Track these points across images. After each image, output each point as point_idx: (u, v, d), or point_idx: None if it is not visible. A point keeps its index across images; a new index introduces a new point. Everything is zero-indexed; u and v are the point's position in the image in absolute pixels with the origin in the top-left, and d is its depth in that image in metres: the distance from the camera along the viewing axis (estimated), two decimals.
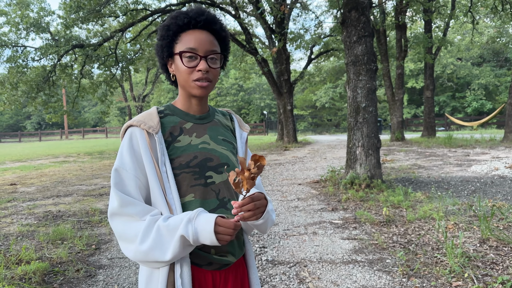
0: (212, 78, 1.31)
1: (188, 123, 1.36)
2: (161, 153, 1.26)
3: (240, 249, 1.38)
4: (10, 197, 7.61)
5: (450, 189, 6.89)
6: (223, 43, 1.37)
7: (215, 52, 1.30)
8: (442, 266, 3.49)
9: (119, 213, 1.22)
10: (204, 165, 1.30)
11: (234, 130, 1.49)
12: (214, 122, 1.42)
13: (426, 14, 17.00)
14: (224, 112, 1.53)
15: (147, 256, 1.18)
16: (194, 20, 1.29)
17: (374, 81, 7.18)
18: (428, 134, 19.40)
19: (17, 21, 16.16)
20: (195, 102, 1.37)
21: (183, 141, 1.31)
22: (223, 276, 1.31)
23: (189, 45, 1.27)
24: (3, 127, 56.94)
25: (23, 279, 3.45)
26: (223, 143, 1.38)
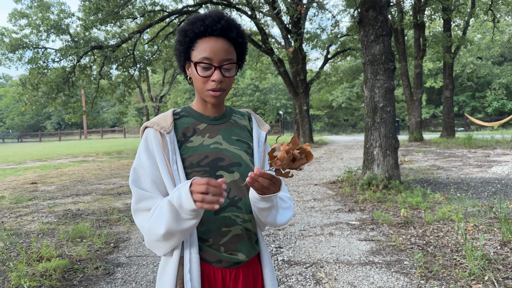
0: (225, 87, 1.34)
1: (202, 124, 1.39)
2: (172, 152, 1.30)
3: (253, 248, 1.38)
4: (31, 196, 7.77)
5: (470, 190, 6.77)
6: (240, 48, 1.38)
7: (230, 62, 1.32)
8: (461, 268, 3.44)
9: (137, 208, 1.28)
10: (215, 165, 1.32)
11: (252, 130, 1.50)
12: (229, 123, 1.44)
13: (445, 12, 16.75)
14: (243, 112, 1.54)
15: (151, 232, 1.22)
16: (210, 28, 1.30)
17: (392, 81, 7.10)
18: (447, 135, 19.10)
19: (38, 23, 16.50)
20: (210, 105, 1.40)
21: (195, 141, 1.35)
22: (233, 275, 1.33)
23: (204, 54, 1.29)
24: (24, 127, 58.18)
25: (44, 276, 3.52)
26: (236, 143, 1.40)
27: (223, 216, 1.31)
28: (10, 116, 57.49)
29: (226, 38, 1.32)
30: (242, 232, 1.34)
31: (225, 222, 1.31)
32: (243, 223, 1.34)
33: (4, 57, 16.45)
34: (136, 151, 12.42)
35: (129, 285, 3.39)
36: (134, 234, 4.92)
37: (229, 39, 1.33)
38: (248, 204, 1.36)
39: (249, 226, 1.37)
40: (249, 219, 1.36)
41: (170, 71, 33.90)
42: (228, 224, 1.31)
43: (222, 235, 1.31)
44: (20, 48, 16.18)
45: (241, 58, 1.40)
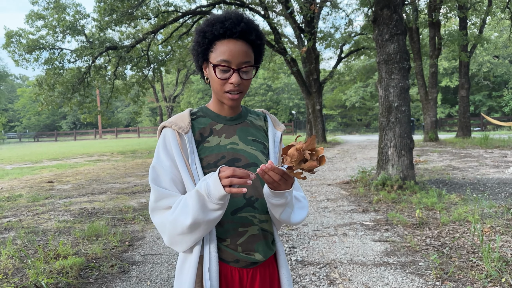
0: (243, 89, 1.34)
1: (219, 124, 1.40)
2: (191, 152, 1.32)
3: (269, 248, 1.39)
4: (47, 194, 7.90)
5: (486, 191, 6.67)
6: (258, 50, 1.38)
7: (248, 64, 1.32)
8: (478, 270, 3.39)
9: (156, 207, 1.30)
10: (231, 165, 1.33)
11: (267, 130, 1.50)
12: (245, 123, 1.45)
13: (461, 11, 16.52)
14: (258, 112, 1.54)
15: (176, 225, 1.23)
16: (229, 31, 1.29)
17: (407, 80, 7.03)
18: (463, 135, 18.83)
19: (54, 24, 16.73)
20: (227, 106, 1.41)
21: (212, 141, 1.37)
22: (250, 274, 1.34)
23: (223, 56, 1.29)
24: (40, 127, 59.10)
25: (60, 273, 3.57)
26: (252, 143, 1.41)
27: (240, 217, 1.32)
28: (26, 116, 58.48)
29: (245, 41, 1.32)
30: (259, 232, 1.35)
31: (242, 223, 1.33)
32: (259, 223, 1.35)
33: (21, 58, 16.72)
34: (150, 150, 12.53)
35: (144, 283, 3.43)
36: (149, 233, 4.97)
37: (248, 41, 1.33)
38: (264, 204, 1.37)
39: (266, 226, 1.38)
40: (266, 219, 1.38)
41: (183, 71, 34.09)
42: (245, 224, 1.33)
43: (239, 235, 1.33)
44: (37, 49, 16.43)
45: (258, 60, 1.40)
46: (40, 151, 23.78)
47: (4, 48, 16.79)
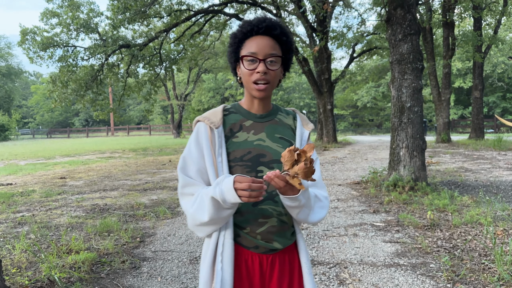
0: (270, 79, 1.42)
1: (248, 121, 1.50)
2: (219, 145, 1.42)
3: (288, 239, 1.47)
4: (60, 190, 8.00)
5: (500, 193, 6.59)
6: (285, 46, 1.47)
7: (274, 55, 1.41)
8: (490, 273, 3.35)
9: (182, 192, 1.45)
10: (256, 160, 1.43)
11: (296, 128, 1.56)
12: (274, 121, 1.53)
13: (476, 11, 16.31)
14: (289, 111, 1.61)
15: (195, 218, 1.37)
16: (256, 27, 1.42)
17: (420, 80, 6.97)
18: (476, 136, 18.60)
19: (68, 22, 16.89)
20: (257, 102, 1.50)
21: (241, 137, 1.46)
22: (270, 260, 1.43)
23: (251, 49, 1.41)
24: (53, 124, 59.78)
25: (73, 268, 3.62)
26: (279, 140, 1.48)
27: (260, 208, 1.41)
28: (40, 112, 59.21)
29: (270, 36, 1.43)
30: (278, 224, 1.43)
31: (263, 214, 1.42)
32: (279, 216, 1.43)
33: (36, 55, 16.91)
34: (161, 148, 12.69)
35: (155, 279, 3.46)
36: (160, 230, 5.00)
37: (273, 36, 1.43)
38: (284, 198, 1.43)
39: (285, 219, 1.45)
40: (285, 213, 1.44)
41: (195, 70, 34.19)
42: (265, 216, 1.42)
43: (259, 225, 1.42)
44: (51, 47, 16.61)
45: (287, 57, 1.49)
46: (53, 147, 24.08)
47: (19, 45, 17.01)
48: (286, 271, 1.46)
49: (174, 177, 9.68)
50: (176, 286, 3.32)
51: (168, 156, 15.72)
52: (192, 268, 3.69)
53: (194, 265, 3.78)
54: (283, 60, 1.48)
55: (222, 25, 18.71)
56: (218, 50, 25.50)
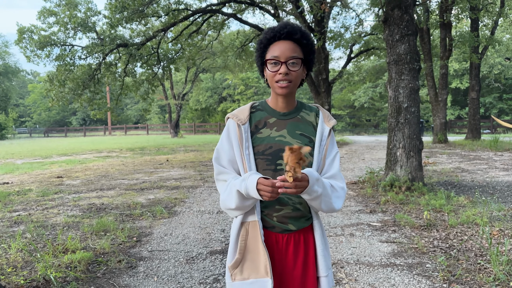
0: (292, 79, 1.58)
1: (272, 118, 1.66)
2: (246, 140, 1.62)
3: (303, 222, 1.65)
4: (57, 189, 7.98)
5: (496, 194, 6.61)
6: (306, 48, 1.62)
7: (295, 58, 1.57)
8: (485, 273, 3.37)
9: (217, 179, 1.68)
10: (276, 154, 1.60)
11: (317, 125, 1.69)
12: (297, 118, 1.68)
13: (473, 12, 16.35)
14: (312, 107, 1.75)
15: (225, 203, 1.61)
16: (278, 33, 1.58)
17: (417, 81, 6.99)
18: (472, 137, 18.66)
19: (65, 21, 16.82)
20: (281, 100, 1.66)
21: (264, 133, 1.64)
22: (285, 239, 1.63)
23: (273, 53, 1.58)
24: (51, 123, 59.61)
25: (69, 267, 3.62)
26: (299, 137, 1.65)
27: (278, 197, 1.54)
28: (37, 111, 59.04)
29: (291, 40, 1.59)
30: (293, 211, 1.62)
31: (279, 202, 1.60)
32: (294, 205, 1.61)
33: (33, 54, 16.84)
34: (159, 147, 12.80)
35: (151, 279, 3.45)
36: (156, 229, 5.00)
37: (294, 40, 1.59)
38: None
39: (300, 207, 1.63)
40: (300, 202, 1.62)
41: (192, 70, 34.12)
42: (281, 203, 1.61)
43: (276, 211, 1.61)
44: (48, 45, 16.54)
45: (308, 58, 1.64)
46: (50, 146, 24.01)
47: (16, 44, 16.94)
48: (301, 249, 1.64)
49: (171, 176, 9.67)
50: (172, 286, 3.32)
51: (165, 156, 15.70)
52: (188, 268, 3.69)
53: (191, 264, 3.78)
54: (305, 61, 1.63)
55: (220, 24, 18.69)
56: (216, 49, 25.44)
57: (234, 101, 48.87)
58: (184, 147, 20.51)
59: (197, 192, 7.57)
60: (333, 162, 1.68)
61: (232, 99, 49.37)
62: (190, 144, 23.50)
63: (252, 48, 21.31)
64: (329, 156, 1.68)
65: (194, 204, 6.52)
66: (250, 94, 46.69)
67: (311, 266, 1.65)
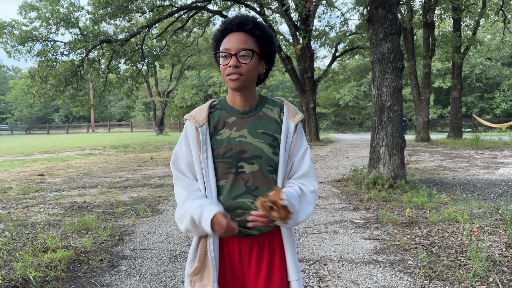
0: (242, 72, 1.48)
1: (232, 117, 1.56)
2: (204, 143, 1.51)
3: (266, 227, 1.53)
4: (38, 187, 7.84)
5: (476, 191, 6.73)
6: (260, 40, 1.53)
7: (245, 49, 1.47)
8: (465, 269, 3.42)
9: (175, 184, 1.59)
10: (237, 156, 1.51)
11: (282, 121, 1.59)
12: (258, 116, 1.58)
13: (456, 12, 16.60)
14: (276, 102, 1.64)
15: (178, 221, 1.54)
16: (230, 25, 1.51)
17: (400, 80, 7.06)
18: (454, 135, 18.97)
19: (47, 16, 16.50)
20: (238, 97, 1.56)
21: (223, 134, 1.54)
22: (248, 244, 1.54)
23: (224, 46, 1.50)
24: (32, 119, 58.56)
25: (49, 267, 3.55)
26: (261, 136, 1.54)
27: (239, 201, 1.51)
28: (18, 108, 57.90)
29: (243, 31, 1.50)
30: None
31: (241, 206, 1.51)
32: (256, 209, 1.47)
33: (14, 50, 16.49)
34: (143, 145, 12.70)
35: (133, 278, 3.42)
36: (139, 228, 4.95)
37: (246, 31, 1.50)
38: (263, 192, 1.50)
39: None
40: None
41: (177, 67, 33.91)
42: (243, 208, 1.51)
43: (238, 215, 1.51)
44: (30, 41, 16.22)
45: (264, 50, 1.54)
46: (31, 143, 23.58)
47: None
48: (265, 254, 1.55)
49: (155, 174, 9.59)
50: (155, 285, 3.29)
51: (149, 153, 15.57)
52: (171, 267, 3.67)
53: (174, 263, 3.75)
54: (261, 54, 1.53)
55: (205, 21, 18.59)
56: (201, 46, 25.32)
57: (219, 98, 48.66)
58: (168, 145, 20.37)
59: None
60: (303, 159, 1.60)
61: (218, 97, 48.98)
62: (175, 141, 23.35)
63: None
64: (297, 153, 1.58)
65: None
66: None
67: (276, 270, 1.55)
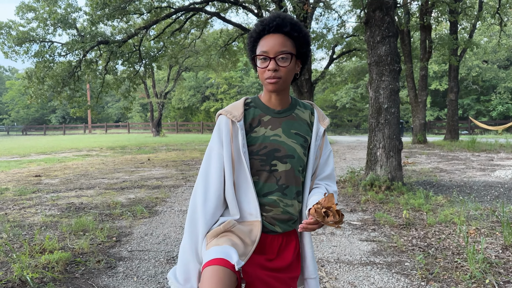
0: (282, 75, 1.51)
1: (267, 116, 1.59)
2: (242, 137, 1.53)
3: (289, 226, 1.61)
4: (34, 188, 7.82)
5: (473, 193, 6.76)
6: (298, 41, 1.54)
7: (284, 52, 1.49)
8: (462, 271, 3.44)
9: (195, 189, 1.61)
10: (271, 155, 1.55)
11: (313, 124, 1.65)
12: (291, 116, 1.61)
13: (452, 15, 16.68)
14: (307, 105, 1.70)
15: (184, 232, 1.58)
16: (267, 26, 1.51)
17: (397, 82, 7.09)
18: (451, 138, 19.03)
19: (45, 17, 16.47)
20: (274, 96, 1.59)
21: (259, 132, 1.56)
22: (269, 239, 1.58)
23: (262, 48, 1.51)
24: (29, 120, 58.37)
25: (46, 268, 3.55)
26: (294, 136, 1.58)
27: (269, 198, 1.55)
28: (15, 109, 57.70)
29: (281, 33, 1.51)
30: (283, 213, 1.57)
31: (270, 203, 1.55)
32: (285, 207, 1.57)
33: (11, 50, 16.44)
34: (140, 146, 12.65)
35: (131, 279, 3.42)
36: (137, 229, 4.95)
37: (285, 33, 1.51)
38: (293, 191, 1.57)
39: (291, 210, 1.58)
40: (292, 204, 1.58)
41: (175, 68, 33.87)
42: (271, 205, 1.55)
43: (266, 211, 1.56)
44: (27, 41, 16.17)
45: (301, 51, 1.56)
46: (28, 144, 23.50)
47: None
48: (282, 251, 1.59)
49: (153, 176, 9.58)
50: (152, 286, 3.28)
51: (146, 155, 15.55)
52: (169, 268, 3.66)
53: (172, 264, 3.75)
54: (298, 54, 1.55)
55: (203, 23, 18.60)
56: (199, 48, 25.29)
57: (217, 100, 48.72)
58: (166, 146, 20.35)
59: (179, 191, 7.52)
60: (328, 161, 1.67)
61: (215, 98, 49.20)
62: (172, 143, 23.33)
63: (236, 48, 21.28)
64: (323, 156, 1.65)
65: (175, 203, 6.47)
66: (233, 93, 46.63)
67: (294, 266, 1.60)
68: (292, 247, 1.61)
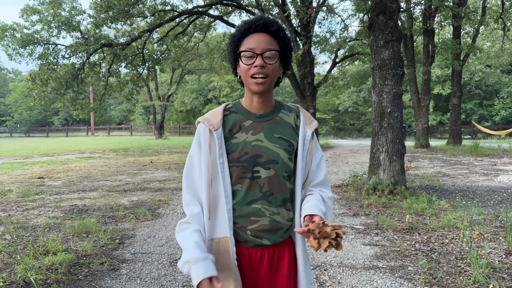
0: (268, 73, 1.44)
1: (248, 121, 1.51)
2: (219, 147, 1.45)
3: (279, 237, 1.49)
4: (38, 190, 7.84)
5: (476, 198, 6.74)
6: (282, 43, 1.49)
7: (271, 50, 1.43)
8: (465, 276, 3.43)
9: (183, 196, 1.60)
10: (253, 161, 1.45)
11: (299, 127, 1.56)
12: (274, 120, 1.53)
13: (455, 19, 16.68)
14: (292, 108, 1.61)
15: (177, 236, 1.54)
16: (253, 25, 1.46)
17: (400, 86, 7.10)
18: (453, 142, 18.99)
19: (49, 20, 16.55)
20: (256, 99, 1.50)
21: (239, 138, 1.48)
22: (258, 254, 1.48)
23: (248, 45, 1.44)
24: (32, 122, 58.54)
25: (50, 269, 3.56)
26: (277, 140, 1.49)
27: (253, 207, 1.45)
28: (18, 110, 57.90)
29: (267, 33, 1.46)
30: (270, 223, 1.46)
31: (255, 213, 1.45)
32: (271, 216, 1.46)
33: (15, 52, 16.53)
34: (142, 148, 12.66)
35: (134, 282, 3.42)
36: (139, 231, 4.95)
37: (270, 33, 1.46)
38: (278, 199, 1.47)
39: (278, 218, 1.47)
40: (278, 212, 1.47)
41: (178, 71, 33.96)
42: (257, 214, 1.45)
43: (251, 222, 1.45)
44: (31, 44, 16.26)
45: (285, 53, 1.51)
46: (31, 146, 23.57)
47: None
48: (274, 264, 1.50)
49: (155, 178, 9.59)
50: None
51: (149, 157, 15.57)
52: (172, 271, 3.67)
53: (174, 267, 3.75)
54: (282, 56, 1.50)
55: (206, 26, 18.66)
56: (202, 51, 25.37)
57: (219, 103, 48.78)
58: (168, 149, 20.37)
59: (181, 194, 7.53)
60: (319, 166, 1.58)
61: (218, 101, 49.28)
62: (174, 145, 23.35)
63: None
64: (314, 161, 1.57)
65: (178, 206, 6.48)
66: (236, 96, 46.68)
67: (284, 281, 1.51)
68: (285, 259, 1.52)
